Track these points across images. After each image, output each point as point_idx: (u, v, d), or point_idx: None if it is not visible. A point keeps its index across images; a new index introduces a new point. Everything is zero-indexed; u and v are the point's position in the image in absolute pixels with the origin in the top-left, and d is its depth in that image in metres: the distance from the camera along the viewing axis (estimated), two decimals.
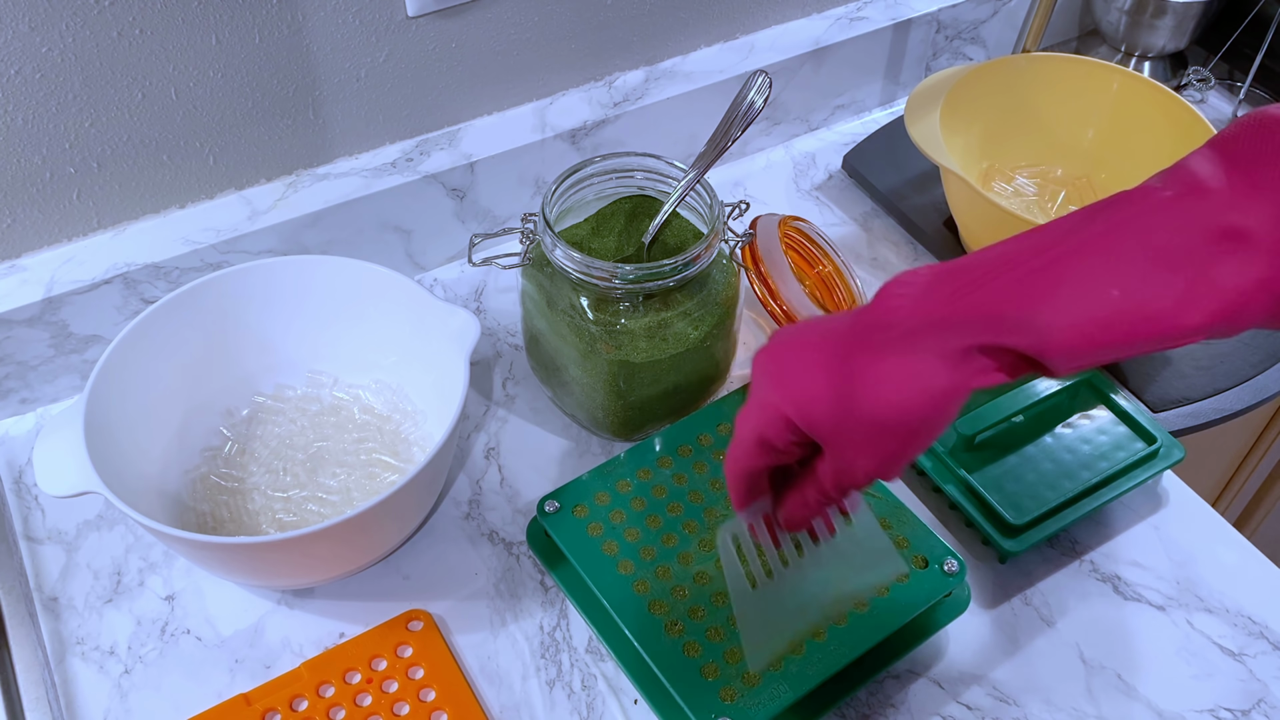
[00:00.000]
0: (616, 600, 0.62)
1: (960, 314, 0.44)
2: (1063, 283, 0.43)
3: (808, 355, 0.48)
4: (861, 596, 0.61)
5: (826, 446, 0.48)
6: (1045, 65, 0.91)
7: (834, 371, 0.46)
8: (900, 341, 0.45)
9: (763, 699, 0.58)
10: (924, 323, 0.45)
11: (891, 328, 0.46)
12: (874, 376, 0.45)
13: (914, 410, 0.45)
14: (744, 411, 0.50)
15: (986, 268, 0.45)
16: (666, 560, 0.64)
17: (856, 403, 0.46)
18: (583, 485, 0.68)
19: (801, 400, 0.47)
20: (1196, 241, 0.42)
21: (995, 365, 0.45)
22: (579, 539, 0.65)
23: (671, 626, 0.61)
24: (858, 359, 0.46)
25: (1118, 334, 0.43)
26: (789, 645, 0.60)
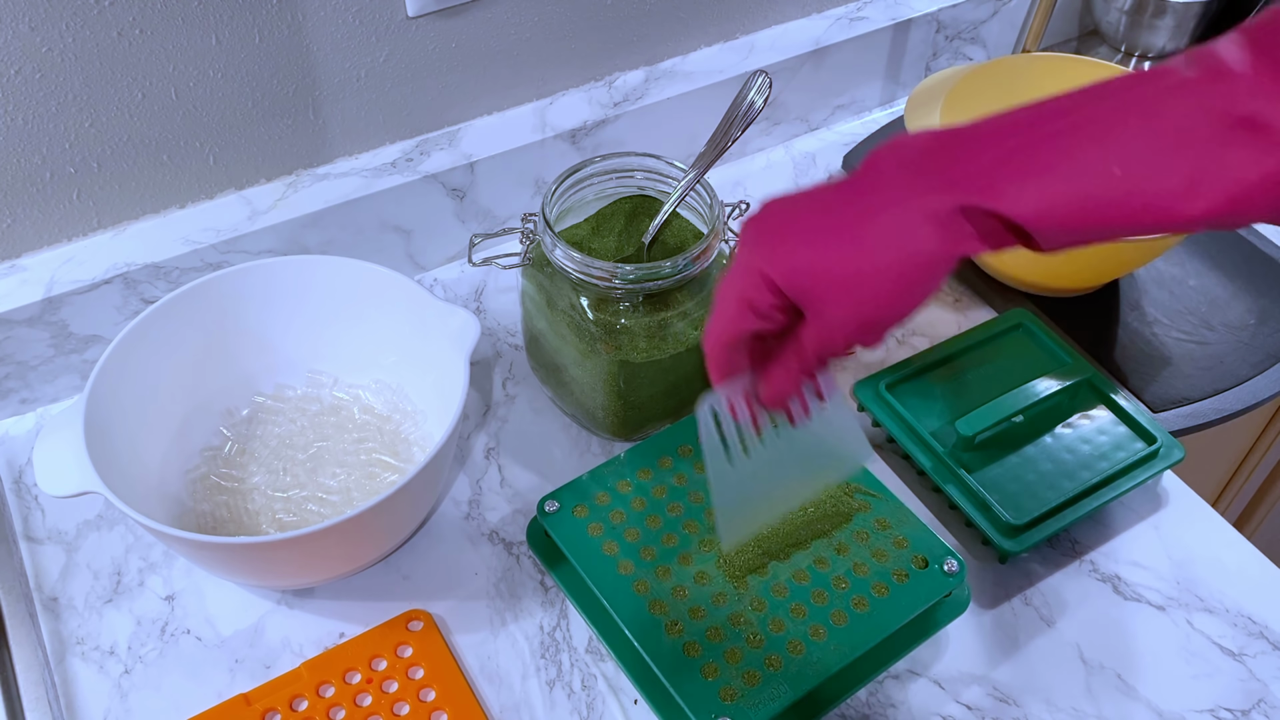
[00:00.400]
0: (616, 600, 0.62)
1: (953, 176, 0.43)
2: (1065, 154, 0.42)
3: (795, 217, 0.46)
4: (833, 481, 0.60)
5: (809, 309, 0.46)
6: (1045, 65, 0.91)
7: (819, 230, 0.45)
8: (888, 201, 0.44)
9: (763, 699, 0.58)
10: (914, 184, 0.44)
11: (880, 190, 0.45)
12: (859, 235, 0.44)
13: (898, 270, 0.44)
14: (727, 277, 0.48)
15: (987, 134, 0.44)
16: (666, 560, 0.64)
17: (840, 261, 0.45)
18: (583, 485, 0.68)
19: (785, 259, 0.45)
20: (1212, 127, 0.41)
21: (981, 232, 0.44)
22: (579, 539, 0.65)
23: (671, 626, 0.61)
24: (843, 217, 0.45)
25: (1114, 214, 0.42)
26: (760, 526, 0.59)
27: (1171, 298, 0.88)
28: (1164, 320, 0.86)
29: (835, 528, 0.66)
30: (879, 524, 0.66)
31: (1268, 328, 0.85)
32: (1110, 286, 0.89)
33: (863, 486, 0.68)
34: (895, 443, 0.76)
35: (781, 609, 0.62)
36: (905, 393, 0.76)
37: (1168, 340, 0.85)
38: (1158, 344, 0.84)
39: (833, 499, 0.67)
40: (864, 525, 0.66)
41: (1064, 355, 0.78)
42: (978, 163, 0.43)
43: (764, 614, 0.62)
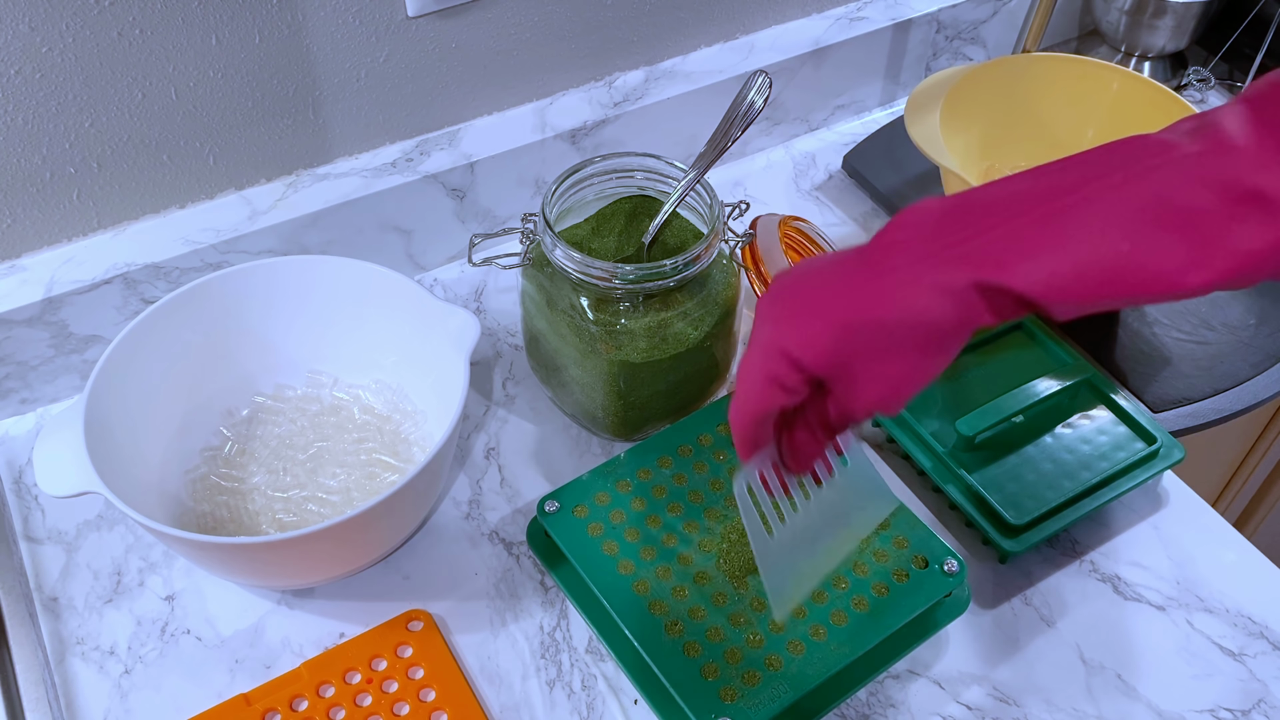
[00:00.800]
0: (616, 600, 0.62)
1: (966, 251, 0.45)
2: (1072, 232, 0.43)
3: (811, 293, 0.47)
4: (865, 532, 0.61)
5: (832, 381, 0.48)
6: (1045, 65, 0.91)
7: (837, 305, 0.46)
8: (904, 277, 0.45)
9: (763, 699, 0.58)
10: (929, 258, 0.45)
11: (897, 268, 0.46)
12: (877, 309, 0.45)
13: (917, 343, 0.46)
14: (747, 358, 0.49)
15: (998, 208, 0.45)
16: (666, 560, 0.64)
17: (860, 336, 0.46)
18: (583, 485, 0.68)
19: (809, 338, 0.47)
20: (1217, 201, 0.42)
21: (994, 306, 0.45)
22: (579, 539, 0.65)
23: (671, 626, 0.61)
24: (862, 293, 0.46)
25: (1123, 287, 0.43)
26: (809, 591, 0.59)
27: None
28: (1164, 320, 0.86)
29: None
30: (879, 525, 0.66)
31: (1268, 328, 0.85)
32: None
33: None
34: (895, 443, 0.76)
35: (788, 619, 0.62)
36: None
37: (1168, 340, 0.85)
38: (1158, 344, 0.84)
39: None
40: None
41: (1064, 355, 0.78)
42: (990, 237, 0.45)
43: (764, 614, 0.62)
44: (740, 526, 0.65)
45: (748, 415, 0.50)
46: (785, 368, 0.48)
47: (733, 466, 0.69)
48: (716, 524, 0.66)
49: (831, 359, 0.47)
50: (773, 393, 0.49)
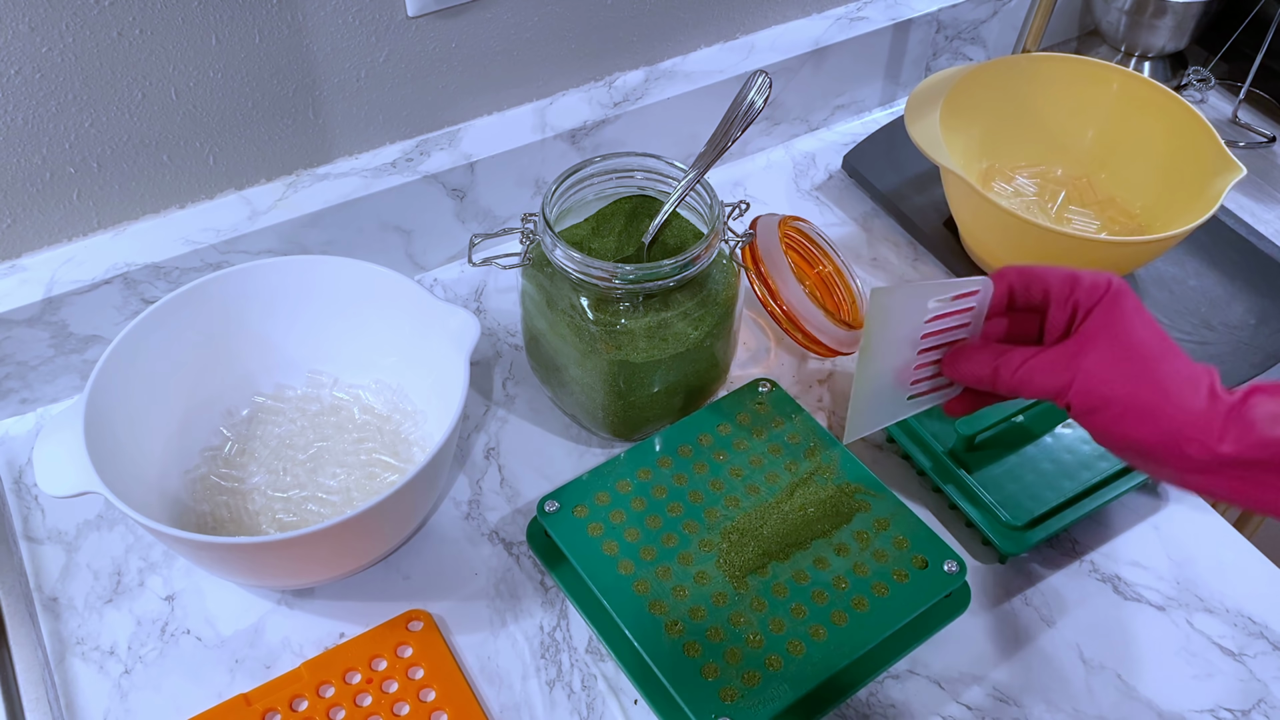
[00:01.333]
0: (616, 600, 0.62)
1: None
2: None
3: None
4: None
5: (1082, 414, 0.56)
6: (1045, 65, 0.91)
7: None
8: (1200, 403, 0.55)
9: (763, 699, 0.58)
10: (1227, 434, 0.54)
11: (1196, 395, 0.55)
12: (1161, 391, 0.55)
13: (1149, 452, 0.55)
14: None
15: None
16: (666, 560, 0.64)
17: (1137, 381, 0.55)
18: (583, 485, 0.68)
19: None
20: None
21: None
22: (579, 539, 0.65)
23: (671, 626, 0.61)
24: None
25: None
26: (877, 426, 0.63)
27: (1171, 298, 0.88)
28: (1164, 320, 0.86)
29: (835, 528, 0.66)
30: (879, 524, 0.66)
31: (1268, 328, 0.85)
32: None
33: (863, 486, 0.68)
34: (895, 443, 0.76)
35: (781, 609, 0.62)
36: None
37: None
38: None
39: (833, 499, 0.67)
40: (864, 525, 0.66)
41: None
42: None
43: (764, 614, 0.62)
44: (741, 526, 0.66)
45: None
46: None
47: (733, 467, 0.69)
48: (716, 524, 0.66)
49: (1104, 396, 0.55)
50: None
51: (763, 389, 0.74)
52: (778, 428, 0.71)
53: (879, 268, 0.91)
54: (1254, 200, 1.00)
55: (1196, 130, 0.84)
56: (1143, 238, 0.78)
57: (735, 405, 0.73)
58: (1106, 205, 0.91)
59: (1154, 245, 0.79)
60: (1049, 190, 0.93)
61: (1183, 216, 0.82)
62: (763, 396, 0.73)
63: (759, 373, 0.83)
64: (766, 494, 0.68)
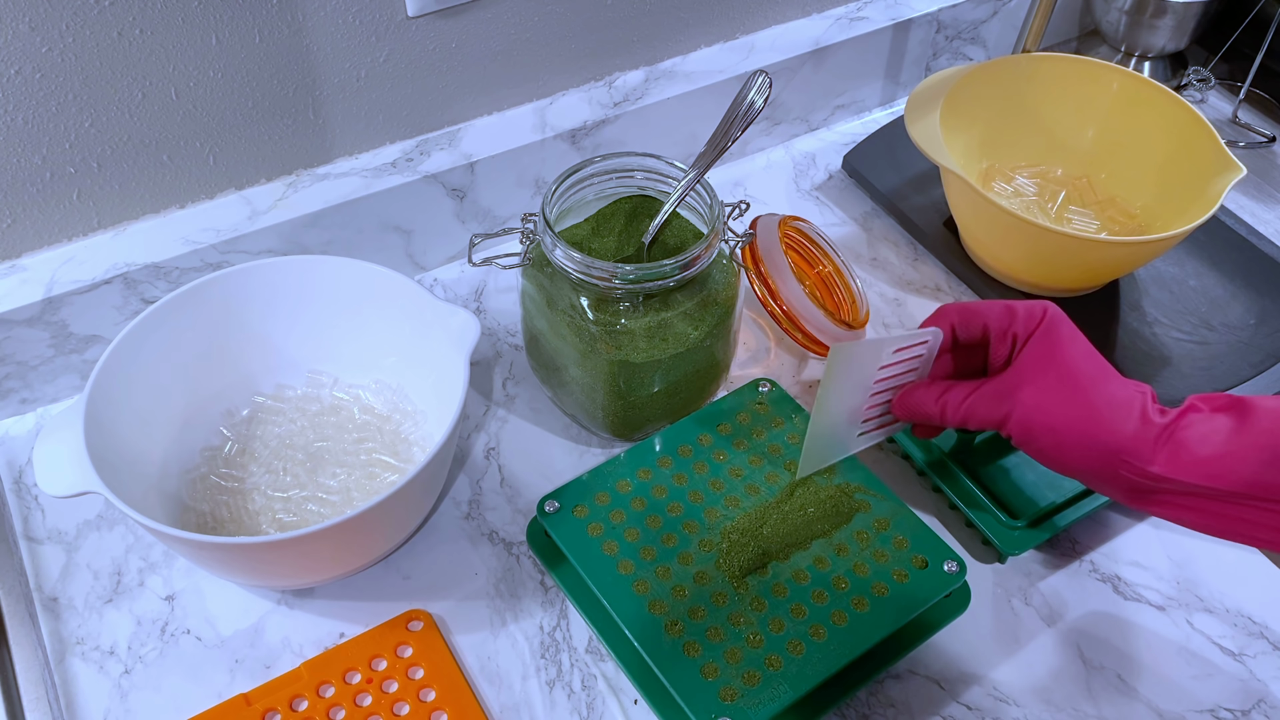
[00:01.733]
0: (616, 600, 0.62)
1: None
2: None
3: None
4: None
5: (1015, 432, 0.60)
6: (1045, 65, 0.91)
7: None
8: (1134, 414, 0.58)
9: (763, 699, 0.58)
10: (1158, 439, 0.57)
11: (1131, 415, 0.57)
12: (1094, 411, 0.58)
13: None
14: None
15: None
16: (666, 560, 0.64)
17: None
18: (583, 485, 0.68)
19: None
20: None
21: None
22: (579, 539, 0.65)
23: (671, 626, 0.61)
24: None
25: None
26: (828, 462, 0.68)
27: (1171, 298, 0.88)
28: (1164, 320, 0.86)
29: (835, 528, 0.66)
30: (879, 524, 0.66)
31: (1268, 328, 0.85)
32: (1110, 286, 0.89)
33: (863, 486, 0.68)
34: (895, 442, 0.76)
35: (781, 609, 0.62)
36: None
37: (1168, 340, 0.85)
38: (1158, 344, 0.84)
39: (832, 499, 0.67)
40: (864, 525, 0.66)
41: None
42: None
43: (764, 614, 0.62)
44: (741, 526, 0.66)
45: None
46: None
47: (733, 467, 0.69)
48: (716, 524, 0.66)
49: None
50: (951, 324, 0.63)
51: (763, 389, 0.74)
52: (778, 428, 0.71)
53: (879, 268, 0.91)
54: (1254, 200, 0.99)
55: (1196, 130, 0.84)
56: (1143, 238, 0.78)
57: (735, 405, 0.73)
58: (1106, 205, 0.91)
59: (1154, 245, 0.79)
60: (1049, 190, 0.93)
61: (1183, 216, 0.82)
62: (763, 396, 0.73)
63: (759, 373, 0.83)
64: (766, 494, 0.68)
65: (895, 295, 0.89)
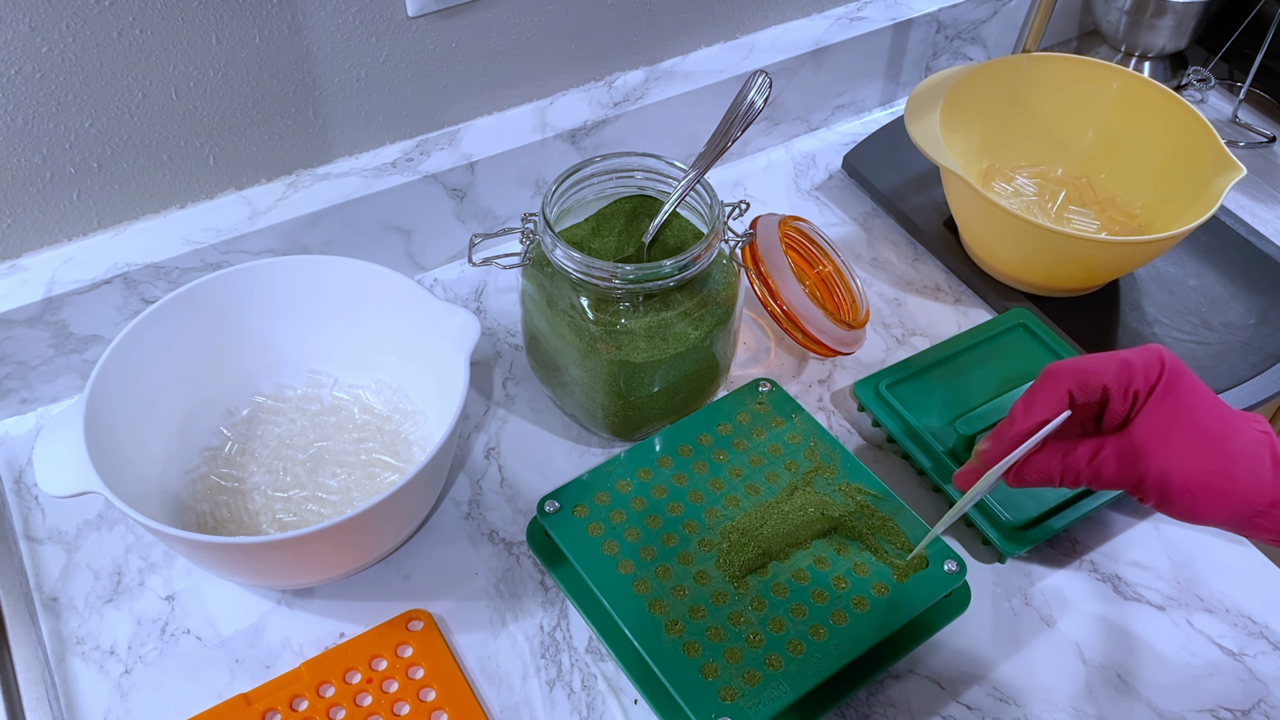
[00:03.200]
0: (616, 600, 0.62)
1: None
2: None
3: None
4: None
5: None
6: (1045, 65, 0.91)
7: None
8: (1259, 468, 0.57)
9: (763, 699, 0.58)
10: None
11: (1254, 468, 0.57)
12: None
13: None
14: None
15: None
16: (666, 560, 0.64)
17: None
18: (583, 485, 0.68)
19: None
20: None
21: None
22: (579, 539, 0.65)
23: (671, 626, 0.61)
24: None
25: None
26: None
27: (1171, 298, 0.88)
28: (1164, 320, 0.86)
29: (835, 529, 0.66)
30: (879, 524, 0.66)
31: (1268, 328, 0.85)
32: (1110, 286, 0.89)
33: (863, 487, 0.68)
34: (895, 443, 0.76)
35: (782, 609, 0.62)
36: (905, 392, 0.76)
37: (1168, 340, 0.85)
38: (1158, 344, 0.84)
39: (832, 500, 0.67)
40: (864, 525, 0.66)
41: (1063, 353, 0.78)
42: None
43: (764, 614, 0.62)
44: (741, 526, 0.66)
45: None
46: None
47: (733, 467, 0.69)
48: (716, 524, 0.66)
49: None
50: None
51: (763, 389, 0.74)
52: (778, 427, 0.71)
53: (879, 268, 0.91)
54: (1254, 200, 1.00)
55: (1196, 130, 0.84)
56: (1143, 238, 0.78)
57: (735, 405, 0.73)
58: (1106, 205, 0.91)
59: (1154, 245, 0.79)
60: (1049, 190, 0.93)
61: (1183, 216, 0.82)
62: (763, 396, 0.73)
63: (759, 373, 0.83)
64: (766, 494, 0.68)
65: (895, 295, 0.89)
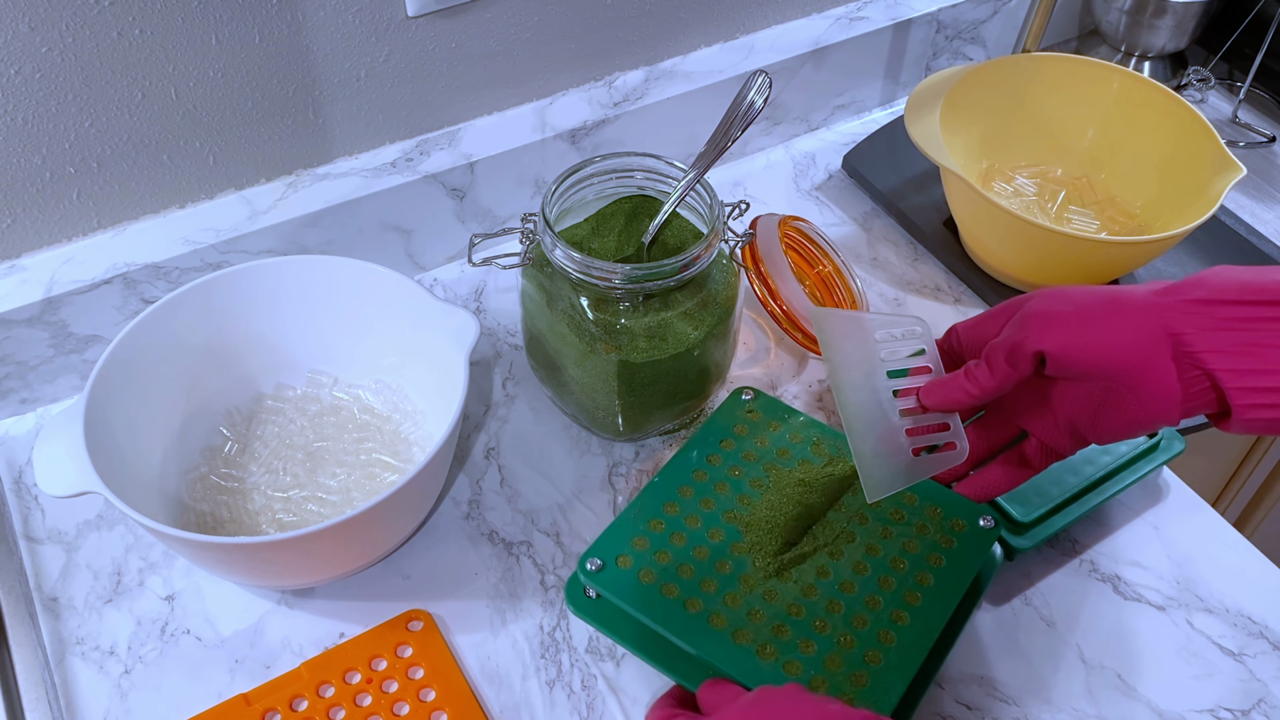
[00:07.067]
0: (699, 641, 0.59)
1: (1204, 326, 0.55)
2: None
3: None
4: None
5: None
6: (1045, 65, 0.91)
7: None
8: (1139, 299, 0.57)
9: (877, 694, 0.57)
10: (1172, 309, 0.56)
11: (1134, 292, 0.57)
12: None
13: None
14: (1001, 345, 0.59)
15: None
16: (729, 588, 0.62)
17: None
18: (616, 535, 0.64)
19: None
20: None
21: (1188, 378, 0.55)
22: (636, 590, 0.62)
23: (762, 651, 0.59)
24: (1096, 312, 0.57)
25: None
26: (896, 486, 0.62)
27: None
28: None
29: (871, 514, 0.65)
30: (908, 499, 0.66)
31: None
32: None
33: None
34: None
35: (857, 605, 0.61)
36: None
37: None
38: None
39: (856, 487, 0.66)
40: (896, 504, 0.65)
41: None
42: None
43: (842, 615, 0.60)
44: (786, 538, 0.64)
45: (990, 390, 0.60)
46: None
47: (754, 479, 0.67)
48: (760, 543, 0.64)
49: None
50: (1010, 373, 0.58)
51: (746, 397, 0.73)
52: (775, 431, 0.71)
53: (879, 268, 0.91)
54: (1254, 200, 1.00)
55: (1196, 130, 0.84)
56: (1143, 238, 0.78)
57: (728, 419, 0.71)
58: (1106, 205, 0.91)
59: (1154, 245, 0.79)
60: (1049, 190, 0.93)
61: (1183, 216, 0.82)
62: (750, 405, 0.72)
63: (759, 373, 0.83)
64: (794, 501, 0.66)
65: (895, 295, 0.89)
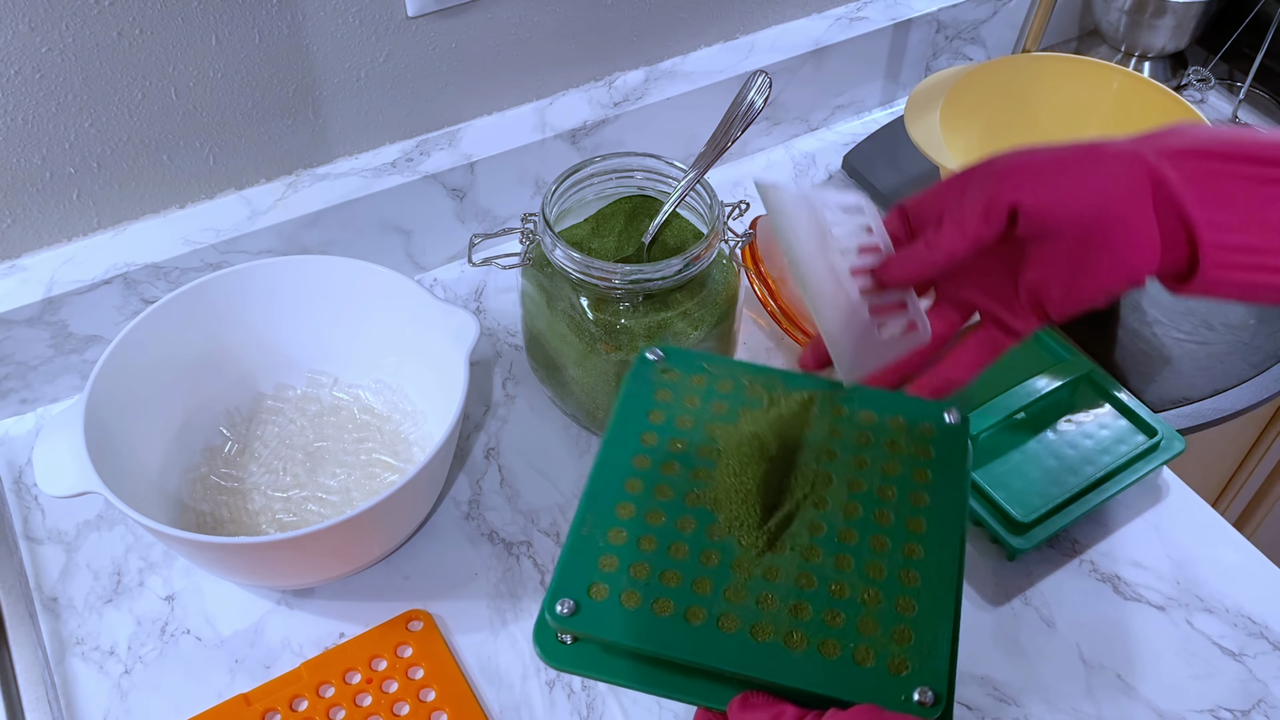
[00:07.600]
0: (716, 654, 0.50)
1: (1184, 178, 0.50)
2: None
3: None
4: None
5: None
6: (1045, 65, 0.91)
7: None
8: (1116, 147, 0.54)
9: (927, 650, 0.49)
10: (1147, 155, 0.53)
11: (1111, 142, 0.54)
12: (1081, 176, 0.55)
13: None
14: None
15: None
16: (724, 581, 0.52)
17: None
18: (576, 564, 0.52)
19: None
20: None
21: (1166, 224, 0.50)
22: (625, 620, 0.50)
23: (789, 640, 0.50)
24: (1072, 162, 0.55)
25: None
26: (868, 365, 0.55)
27: (1172, 298, 0.88)
28: (1164, 320, 0.86)
29: (831, 445, 0.57)
30: (865, 418, 0.57)
31: (1268, 328, 0.85)
32: None
33: (819, 390, 0.58)
34: None
35: (865, 551, 0.53)
36: None
37: (1168, 340, 0.85)
38: (1158, 344, 0.84)
39: (804, 421, 0.57)
40: (855, 428, 0.57)
41: (1062, 351, 0.78)
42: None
43: (853, 569, 0.52)
44: (762, 502, 0.54)
45: (959, 250, 0.55)
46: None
47: (700, 446, 0.57)
48: (738, 518, 0.54)
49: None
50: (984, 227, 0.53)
51: (653, 357, 0.60)
52: (701, 385, 0.59)
53: None
54: None
55: None
56: None
57: (644, 388, 0.59)
58: None
59: None
60: None
61: None
62: (663, 364, 0.59)
63: None
64: (754, 458, 0.55)
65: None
